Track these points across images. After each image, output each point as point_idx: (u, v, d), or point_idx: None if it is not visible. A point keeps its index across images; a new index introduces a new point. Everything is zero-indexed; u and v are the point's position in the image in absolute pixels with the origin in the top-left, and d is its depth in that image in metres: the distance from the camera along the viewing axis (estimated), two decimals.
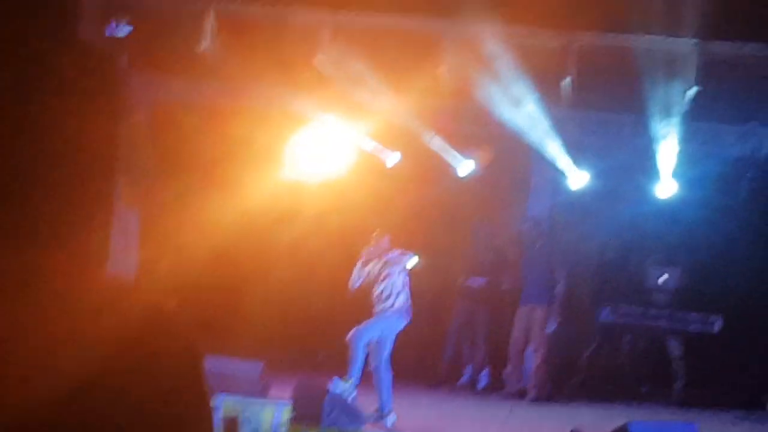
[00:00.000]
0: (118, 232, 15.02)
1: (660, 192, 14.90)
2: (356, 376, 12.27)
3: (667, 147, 14.36)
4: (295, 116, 14.03)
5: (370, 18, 12.94)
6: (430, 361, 15.78)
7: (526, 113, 14.00)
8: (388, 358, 12.43)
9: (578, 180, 15.17)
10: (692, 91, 13.60)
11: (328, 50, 12.99)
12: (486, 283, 15.60)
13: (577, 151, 14.88)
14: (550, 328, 14.87)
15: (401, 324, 12.50)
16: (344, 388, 12.17)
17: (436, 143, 14.79)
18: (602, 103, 14.15)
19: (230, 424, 10.46)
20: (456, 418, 13.50)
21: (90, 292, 1.45)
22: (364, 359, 12.35)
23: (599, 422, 12.25)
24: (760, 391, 14.84)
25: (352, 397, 12.22)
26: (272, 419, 10.86)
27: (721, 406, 14.61)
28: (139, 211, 15.20)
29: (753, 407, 14.55)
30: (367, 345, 12.38)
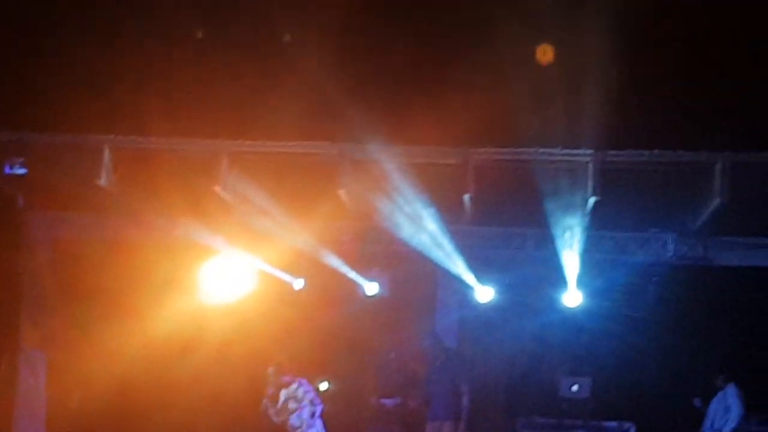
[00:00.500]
0: (25, 371, 14.81)
1: (566, 302, 15.00)
2: None
3: (571, 257, 14.49)
4: (198, 246, 14.01)
5: (267, 145, 13.00)
6: None
7: (428, 231, 14.09)
8: None
9: (484, 294, 15.25)
10: (592, 201, 13.74)
11: (228, 179, 13.01)
12: (398, 403, 15.55)
13: (481, 265, 14.97)
14: None
15: None
16: None
17: (340, 266, 14.82)
18: (504, 217, 14.30)
19: None
20: None
21: None
22: None
23: None
24: None
25: None
26: None
27: None
28: (45, 349, 15.00)
29: None
30: None
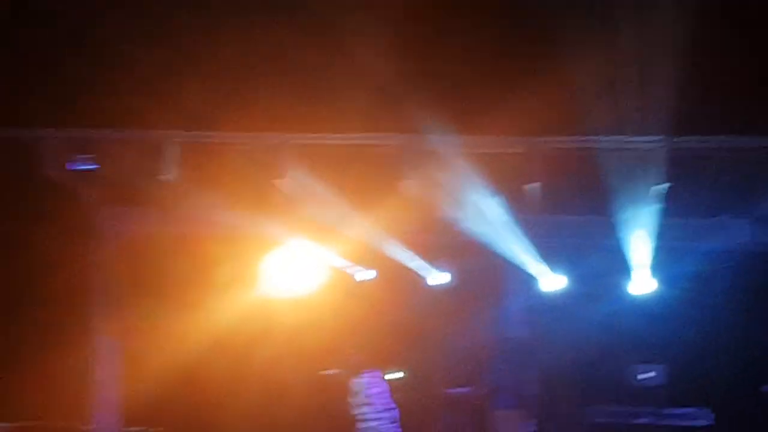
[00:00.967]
0: (101, 360, 15.01)
1: (636, 290, 14.84)
2: None
3: (642, 245, 14.33)
4: (264, 239, 14.08)
5: (331, 137, 12.99)
6: None
7: (495, 221, 14.01)
8: None
9: (553, 283, 15.16)
10: (663, 188, 13.56)
11: (292, 172, 13.02)
12: (467, 392, 15.54)
13: (549, 254, 14.88)
14: (528, 431, 14.73)
15: None
16: None
17: (407, 257, 14.80)
18: (572, 206, 14.16)
19: None
20: None
21: None
22: None
23: None
24: None
25: None
26: None
27: None
28: (119, 339, 15.18)
29: None
30: None
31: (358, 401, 12.48)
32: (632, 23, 12.61)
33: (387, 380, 13.69)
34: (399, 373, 16.21)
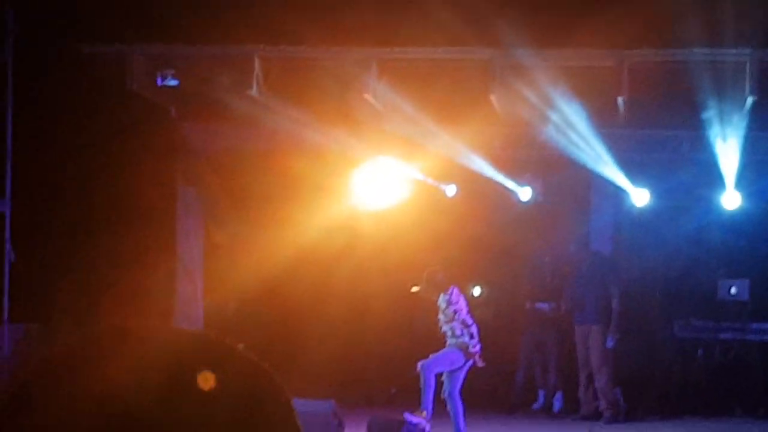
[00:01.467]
0: (183, 278, 15.15)
1: (724, 205, 14.68)
2: (429, 408, 12.26)
3: (728, 159, 14.15)
4: (349, 154, 14.06)
5: (417, 51, 12.90)
6: (502, 388, 15.68)
7: (581, 135, 13.90)
8: (460, 388, 12.41)
9: (639, 198, 15.04)
10: (750, 101, 13.35)
11: (378, 87, 12.96)
12: (552, 307, 15.52)
13: (636, 168, 14.76)
14: (609, 345, 14.70)
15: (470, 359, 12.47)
16: (419, 420, 12.18)
17: (493, 172, 14.74)
18: (659, 119, 14.00)
19: None
20: None
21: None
22: (435, 390, 12.34)
23: None
24: None
25: (427, 429, 12.23)
26: None
27: None
28: (202, 257, 15.31)
29: None
30: (438, 376, 12.38)
31: (445, 318, 12.51)
32: None
33: (470, 296, 13.70)
34: (480, 289, 16.27)
